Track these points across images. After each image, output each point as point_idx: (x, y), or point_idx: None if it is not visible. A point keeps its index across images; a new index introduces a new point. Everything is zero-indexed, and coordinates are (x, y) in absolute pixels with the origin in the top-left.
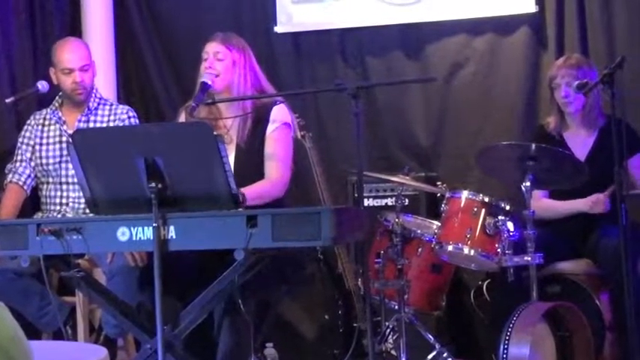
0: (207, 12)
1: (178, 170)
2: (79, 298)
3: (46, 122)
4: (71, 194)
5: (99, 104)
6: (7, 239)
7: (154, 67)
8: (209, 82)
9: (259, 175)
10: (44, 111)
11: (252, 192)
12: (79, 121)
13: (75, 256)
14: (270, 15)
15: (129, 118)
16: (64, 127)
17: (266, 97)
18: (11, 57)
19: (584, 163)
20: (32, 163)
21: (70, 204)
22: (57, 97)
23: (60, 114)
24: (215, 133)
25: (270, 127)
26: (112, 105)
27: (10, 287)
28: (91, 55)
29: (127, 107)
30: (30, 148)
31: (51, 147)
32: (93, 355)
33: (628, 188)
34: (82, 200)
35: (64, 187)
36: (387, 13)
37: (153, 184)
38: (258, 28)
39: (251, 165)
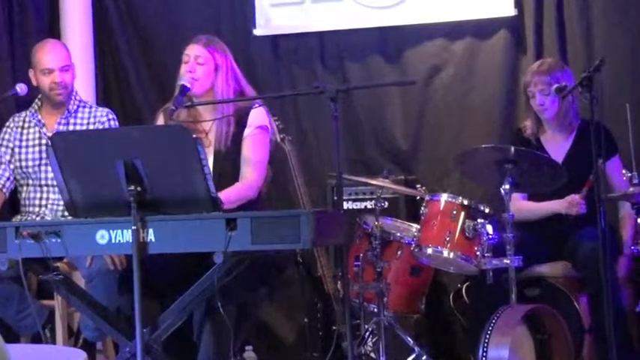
0: (186, 15)
1: (158, 173)
2: (58, 302)
3: (26, 125)
4: (51, 196)
5: (78, 107)
6: None
7: (133, 70)
8: (188, 85)
9: (238, 178)
10: (23, 113)
11: (227, 196)
12: (59, 123)
13: (54, 259)
14: (249, 18)
15: (109, 120)
16: (44, 130)
17: (244, 100)
18: None
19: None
20: (11, 166)
21: (50, 206)
22: (36, 100)
23: (39, 116)
24: (194, 136)
25: (246, 131)
26: (91, 107)
27: None
28: (70, 56)
29: (106, 110)
30: (9, 151)
31: (30, 149)
32: (72, 359)
33: (606, 191)
34: (62, 202)
35: (44, 189)
36: (366, 17)
37: (132, 187)
38: (237, 31)
39: (230, 168)
